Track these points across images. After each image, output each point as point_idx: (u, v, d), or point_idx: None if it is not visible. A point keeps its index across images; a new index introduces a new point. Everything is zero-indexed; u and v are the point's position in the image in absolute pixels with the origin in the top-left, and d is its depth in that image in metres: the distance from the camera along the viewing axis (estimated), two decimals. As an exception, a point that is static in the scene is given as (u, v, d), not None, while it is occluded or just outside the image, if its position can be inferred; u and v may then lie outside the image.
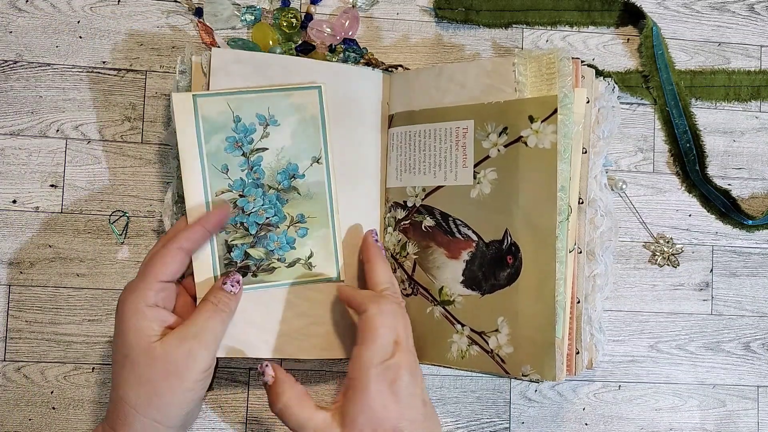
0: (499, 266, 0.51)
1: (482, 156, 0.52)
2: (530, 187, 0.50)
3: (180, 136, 0.51)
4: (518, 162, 0.50)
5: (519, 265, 0.50)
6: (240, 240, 0.52)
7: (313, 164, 0.54)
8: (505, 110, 0.51)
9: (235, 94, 0.52)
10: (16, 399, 0.56)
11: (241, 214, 0.53)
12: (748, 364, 0.62)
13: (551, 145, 0.49)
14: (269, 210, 0.53)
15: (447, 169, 0.53)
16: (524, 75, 0.51)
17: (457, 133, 0.53)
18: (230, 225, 0.52)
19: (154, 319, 0.47)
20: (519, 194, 0.50)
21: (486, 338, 0.52)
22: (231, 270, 0.52)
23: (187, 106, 0.51)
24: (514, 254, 0.51)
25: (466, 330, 0.52)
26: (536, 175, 0.50)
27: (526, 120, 0.50)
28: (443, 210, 0.53)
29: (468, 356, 0.52)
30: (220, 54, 0.52)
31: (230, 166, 0.52)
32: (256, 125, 0.53)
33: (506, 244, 0.51)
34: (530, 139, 0.50)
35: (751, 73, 0.63)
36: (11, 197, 0.57)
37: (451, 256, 0.53)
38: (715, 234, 0.62)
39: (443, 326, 0.53)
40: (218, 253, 0.52)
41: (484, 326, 0.52)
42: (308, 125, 0.54)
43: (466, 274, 0.53)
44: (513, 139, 0.51)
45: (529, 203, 0.50)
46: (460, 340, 0.53)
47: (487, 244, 0.52)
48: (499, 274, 0.51)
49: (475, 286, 0.52)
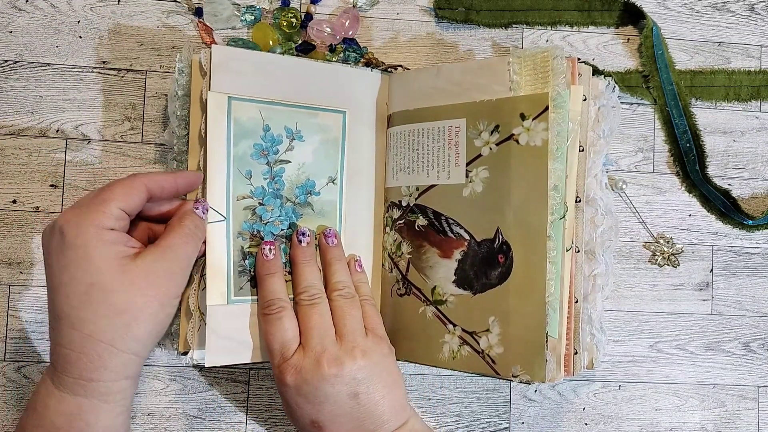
0: (491, 265, 0.51)
1: (474, 154, 0.52)
2: (522, 185, 0.50)
3: (210, 135, 0.51)
4: (510, 160, 0.50)
5: (510, 264, 0.50)
6: (255, 248, 0.52)
7: (328, 183, 0.55)
8: (496, 108, 0.51)
9: (267, 103, 0.53)
10: (16, 399, 0.56)
11: (259, 222, 0.53)
12: (748, 364, 0.62)
13: (542, 143, 0.49)
14: (284, 222, 0.53)
15: (440, 168, 0.53)
16: (519, 74, 0.51)
17: (450, 131, 0.53)
18: (247, 232, 0.52)
19: (118, 242, 0.43)
20: (511, 193, 0.50)
21: (477, 338, 0.51)
22: (199, 198, 0.50)
23: (221, 106, 0.51)
24: (506, 253, 0.50)
25: (458, 330, 0.52)
26: (528, 173, 0.49)
27: (518, 118, 0.50)
28: (436, 209, 0.53)
29: (459, 357, 0.52)
30: (220, 52, 0.52)
31: (254, 173, 0.53)
32: (283, 137, 0.53)
33: (498, 242, 0.51)
34: (522, 137, 0.50)
35: (751, 73, 0.63)
36: (11, 197, 0.57)
37: (443, 256, 0.53)
38: (715, 234, 0.62)
39: (435, 326, 0.53)
40: (233, 259, 0.52)
41: (475, 326, 0.51)
42: (330, 146, 0.54)
43: (458, 274, 0.52)
44: (505, 137, 0.50)
45: (520, 202, 0.50)
46: (451, 341, 0.52)
47: (479, 243, 0.51)
48: (491, 274, 0.51)
49: (467, 285, 0.52)
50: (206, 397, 0.57)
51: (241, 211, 0.52)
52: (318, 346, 0.48)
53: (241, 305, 0.52)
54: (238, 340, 0.52)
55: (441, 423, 0.59)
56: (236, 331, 0.51)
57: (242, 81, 0.52)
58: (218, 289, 0.51)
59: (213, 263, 0.51)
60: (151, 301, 0.43)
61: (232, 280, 0.52)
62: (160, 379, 0.57)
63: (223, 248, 0.51)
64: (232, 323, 0.51)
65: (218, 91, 0.52)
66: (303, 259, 0.52)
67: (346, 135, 0.55)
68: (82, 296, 0.41)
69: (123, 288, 0.42)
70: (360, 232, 0.56)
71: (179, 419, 0.57)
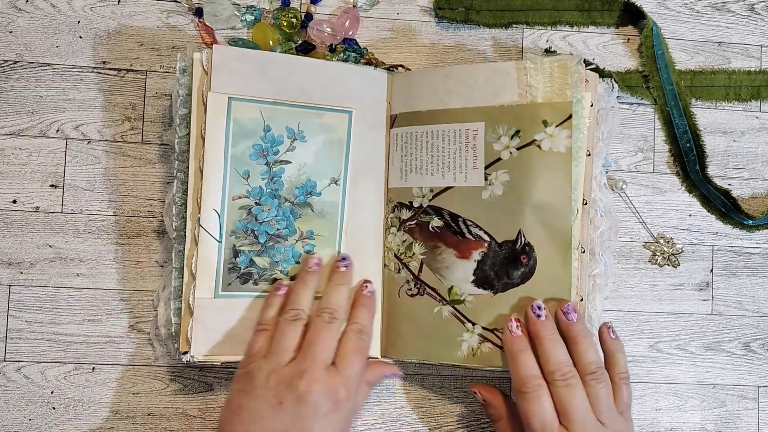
0: (513, 266, 0.52)
1: (494, 158, 0.53)
2: (544, 189, 0.51)
3: (209, 135, 0.52)
4: (531, 164, 0.52)
5: (534, 265, 0.52)
6: (248, 247, 0.53)
7: (331, 184, 0.55)
8: (517, 113, 0.52)
9: (269, 103, 0.53)
10: (16, 399, 0.56)
11: (254, 221, 0.53)
12: (748, 364, 0.62)
13: (566, 150, 0.51)
14: (281, 222, 0.53)
15: (456, 170, 0.54)
16: (536, 79, 0.52)
17: (467, 134, 0.54)
18: (240, 230, 0.52)
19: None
20: (532, 196, 0.52)
21: (499, 335, 0.53)
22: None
23: (221, 106, 0.52)
24: (528, 254, 0.52)
25: (477, 328, 0.53)
26: (551, 177, 0.51)
27: (540, 124, 0.52)
28: (452, 211, 0.54)
29: (479, 353, 0.53)
30: (221, 51, 0.52)
31: (252, 173, 0.53)
32: (284, 138, 0.53)
33: (520, 244, 0.52)
34: (544, 143, 0.51)
35: (751, 73, 0.63)
36: (11, 197, 0.57)
37: (461, 256, 0.54)
38: (715, 234, 0.62)
39: (453, 325, 0.54)
40: (224, 256, 0.52)
41: (496, 323, 0.53)
42: (333, 147, 0.54)
43: (478, 274, 0.53)
44: (526, 142, 0.52)
45: (543, 205, 0.52)
46: (470, 339, 0.53)
47: (500, 244, 0.53)
48: (513, 274, 0.52)
49: (487, 285, 0.53)
50: (206, 397, 0.57)
51: (236, 210, 0.52)
52: (581, 429, 0.48)
53: (229, 300, 0.53)
54: (224, 334, 0.53)
55: (441, 423, 0.59)
56: (222, 325, 0.53)
57: (244, 81, 0.52)
58: (207, 283, 0.52)
59: (204, 258, 0.52)
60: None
61: (221, 276, 0.52)
62: (160, 379, 0.57)
63: (215, 245, 0.52)
64: (219, 316, 0.52)
65: (218, 92, 0.52)
66: (546, 334, 0.50)
67: (352, 135, 0.55)
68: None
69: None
70: (363, 232, 0.56)
71: (179, 419, 0.57)
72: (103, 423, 0.57)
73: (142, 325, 0.57)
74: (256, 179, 0.53)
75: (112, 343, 0.57)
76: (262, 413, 0.47)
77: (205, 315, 0.52)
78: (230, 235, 0.52)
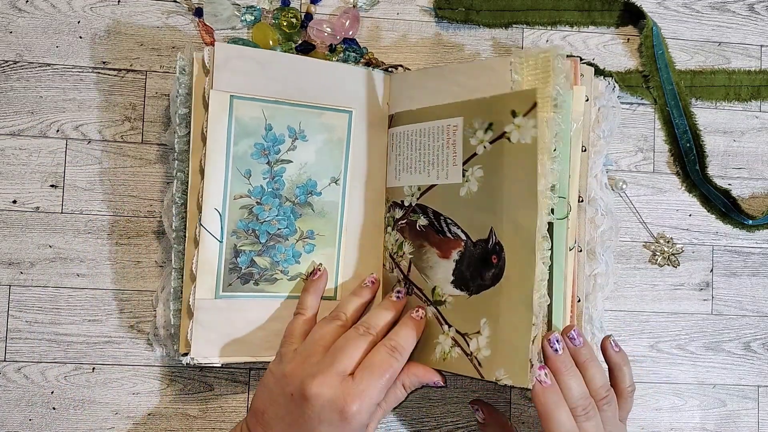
0: (485, 266, 0.49)
1: (470, 153, 0.51)
2: (513, 184, 0.48)
3: (210, 133, 0.51)
4: (502, 159, 0.49)
5: (503, 265, 0.48)
6: (249, 247, 0.53)
7: (331, 184, 0.55)
8: (490, 106, 0.50)
9: (270, 102, 0.53)
10: (16, 399, 0.56)
11: (255, 221, 0.53)
12: (748, 364, 0.62)
13: (532, 140, 0.47)
14: (282, 221, 0.53)
15: (439, 167, 0.53)
16: (520, 74, 0.50)
17: (448, 130, 0.52)
18: (241, 230, 0.52)
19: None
20: (503, 192, 0.48)
21: (468, 340, 0.50)
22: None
23: (223, 105, 0.52)
24: (498, 254, 0.49)
25: (452, 331, 0.51)
26: (519, 172, 0.48)
27: (509, 115, 0.48)
28: (436, 209, 0.53)
29: (449, 358, 0.51)
30: (223, 49, 0.52)
31: (253, 172, 0.53)
32: (286, 137, 0.53)
33: (491, 243, 0.49)
34: (513, 135, 0.48)
35: (751, 72, 0.63)
36: (11, 197, 0.57)
37: (442, 256, 0.52)
38: (716, 234, 0.62)
39: (433, 327, 0.52)
40: (225, 256, 0.52)
41: (468, 328, 0.50)
42: (334, 146, 0.54)
43: (456, 274, 0.51)
44: (498, 135, 0.49)
45: (512, 201, 0.48)
46: (444, 342, 0.51)
47: (475, 243, 0.50)
48: (485, 274, 0.49)
49: (463, 286, 0.51)
50: (206, 397, 0.57)
51: (238, 210, 0.52)
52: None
53: (230, 301, 0.53)
54: (224, 335, 0.52)
55: (441, 423, 0.59)
56: (222, 325, 0.52)
57: (245, 79, 0.52)
58: (207, 283, 0.52)
59: (205, 259, 0.52)
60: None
61: (222, 276, 0.52)
62: (160, 379, 0.57)
63: (215, 245, 0.52)
64: (219, 317, 0.52)
65: (221, 90, 0.51)
66: (565, 369, 0.48)
67: (352, 135, 0.55)
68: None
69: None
70: (362, 232, 0.56)
71: (179, 419, 0.57)
72: (103, 423, 0.57)
73: (142, 326, 0.57)
74: (258, 178, 0.53)
75: (112, 343, 0.57)
76: (277, 398, 0.48)
77: (206, 316, 0.52)
78: (231, 234, 0.52)
